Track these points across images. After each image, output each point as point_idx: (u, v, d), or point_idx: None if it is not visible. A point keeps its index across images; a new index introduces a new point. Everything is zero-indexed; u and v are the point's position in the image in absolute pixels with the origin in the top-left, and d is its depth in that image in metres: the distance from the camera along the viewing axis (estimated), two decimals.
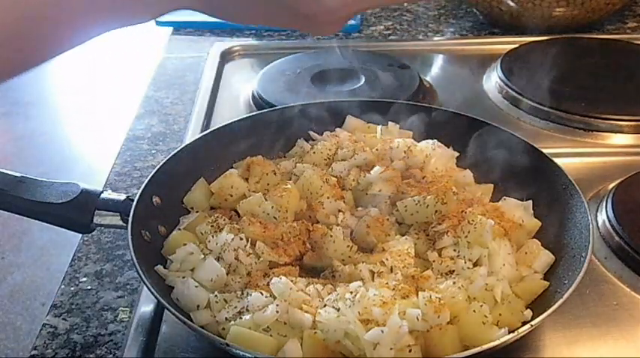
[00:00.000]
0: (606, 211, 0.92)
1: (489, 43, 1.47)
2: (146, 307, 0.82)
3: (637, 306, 0.82)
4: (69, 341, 0.81)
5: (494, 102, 1.26)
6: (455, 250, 0.81)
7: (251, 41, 1.53)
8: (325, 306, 0.72)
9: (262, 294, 0.74)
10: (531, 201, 0.89)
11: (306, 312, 0.71)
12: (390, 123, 1.02)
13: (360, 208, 0.89)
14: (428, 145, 0.95)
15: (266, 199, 0.88)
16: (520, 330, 0.69)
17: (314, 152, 0.96)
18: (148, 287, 0.72)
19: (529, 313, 0.75)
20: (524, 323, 0.72)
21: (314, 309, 0.72)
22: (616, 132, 1.13)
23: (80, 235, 0.95)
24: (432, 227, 0.83)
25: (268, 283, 0.75)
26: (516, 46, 1.38)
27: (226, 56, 1.45)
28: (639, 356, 0.76)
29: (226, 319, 0.73)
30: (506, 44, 1.41)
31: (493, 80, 1.30)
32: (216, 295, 0.75)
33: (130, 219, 0.80)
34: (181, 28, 1.59)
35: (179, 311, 0.73)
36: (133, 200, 0.82)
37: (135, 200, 0.82)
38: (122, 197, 0.84)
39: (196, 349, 0.77)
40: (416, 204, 0.84)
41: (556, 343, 0.77)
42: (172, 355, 0.77)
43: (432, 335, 0.70)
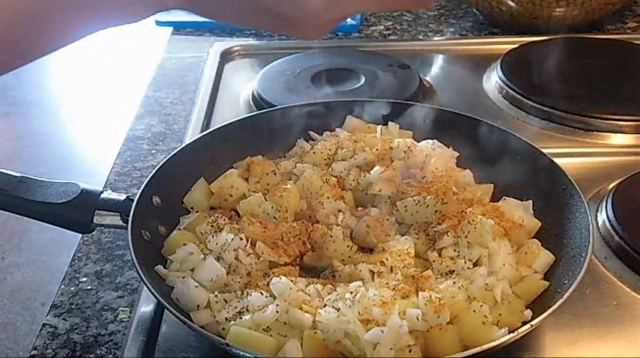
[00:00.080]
0: (606, 211, 0.92)
1: (489, 43, 1.47)
2: (146, 307, 0.82)
3: (637, 306, 0.82)
4: (69, 341, 0.81)
5: (494, 102, 1.26)
6: (455, 250, 0.81)
7: (251, 41, 1.53)
8: (325, 306, 0.72)
9: (262, 294, 0.74)
10: (531, 201, 0.88)
11: (306, 312, 0.71)
12: (390, 123, 1.02)
13: (360, 208, 0.89)
14: (428, 145, 0.95)
15: (266, 199, 0.88)
16: (520, 330, 0.68)
17: (314, 152, 0.96)
18: (148, 287, 0.72)
19: (529, 313, 0.75)
20: (524, 323, 0.72)
21: (314, 309, 0.72)
22: (616, 132, 1.13)
23: (80, 235, 0.95)
24: (432, 227, 0.83)
25: (268, 283, 0.75)
26: (516, 46, 1.38)
27: (226, 56, 1.45)
28: (639, 356, 0.76)
29: (226, 319, 0.73)
30: (506, 44, 1.41)
31: (493, 80, 1.30)
32: (216, 295, 0.75)
33: (130, 219, 0.80)
34: (181, 28, 1.59)
35: (179, 311, 0.73)
36: (133, 200, 0.82)
37: (135, 200, 0.82)
38: (122, 197, 0.84)
39: (196, 349, 0.77)
40: (416, 204, 0.84)
41: (556, 343, 0.77)
42: (172, 355, 0.77)
43: (432, 335, 0.70)
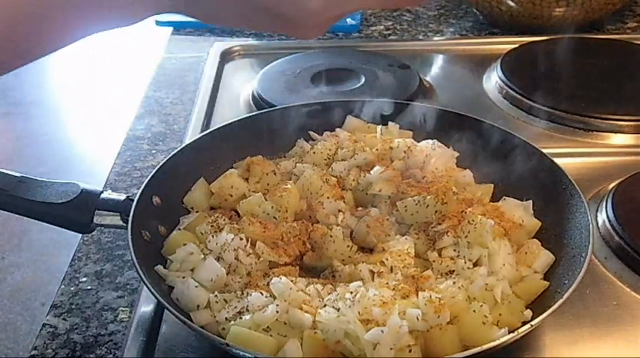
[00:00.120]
0: (606, 211, 0.92)
1: (489, 43, 1.47)
2: (146, 307, 0.82)
3: (637, 306, 0.82)
4: (69, 341, 0.81)
5: (494, 102, 1.26)
6: (455, 250, 0.81)
7: (251, 41, 1.52)
8: (325, 306, 0.72)
9: (262, 294, 0.74)
10: (531, 201, 0.88)
11: (306, 312, 0.71)
12: (390, 123, 1.02)
13: (360, 208, 0.89)
14: (428, 145, 0.95)
15: (266, 199, 0.88)
16: (520, 330, 0.68)
17: (314, 152, 0.96)
18: (148, 287, 0.72)
19: (529, 313, 0.75)
20: (524, 323, 0.72)
21: (314, 309, 0.72)
22: (616, 132, 1.13)
23: (80, 235, 0.95)
24: (432, 227, 0.83)
25: (268, 283, 0.75)
26: (516, 46, 1.38)
27: (226, 56, 1.45)
28: (639, 356, 0.76)
29: (226, 319, 0.73)
30: (506, 44, 1.41)
31: (493, 80, 1.30)
32: (216, 295, 0.75)
33: (130, 219, 0.80)
34: (181, 28, 1.59)
35: (179, 311, 0.73)
36: (133, 200, 0.82)
37: (135, 200, 0.82)
38: (122, 197, 0.84)
39: (196, 349, 0.77)
40: (416, 204, 0.84)
41: (556, 343, 0.77)
42: (172, 355, 0.77)
43: (432, 335, 0.70)
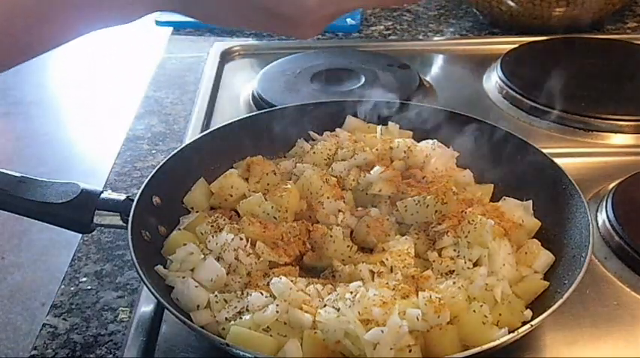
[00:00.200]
0: (606, 211, 0.92)
1: (489, 43, 1.47)
2: (146, 307, 0.82)
3: (637, 306, 0.82)
4: (69, 341, 0.81)
5: (494, 102, 1.26)
6: (455, 250, 0.81)
7: (251, 41, 1.52)
8: (325, 306, 0.72)
9: (262, 294, 0.74)
10: (531, 201, 0.88)
11: (306, 312, 0.71)
12: (390, 123, 1.02)
13: (360, 208, 0.89)
14: (428, 145, 0.95)
15: (266, 199, 0.88)
16: (520, 330, 0.68)
17: (314, 152, 0.96)
18: (148, 287, 0.72)
19: (529, 313, 0.75)
20: (524, 323, 0.72)
21: (314, 309, 0.72)
22: (616, 132, 1.13)
23: (80, 235, 0.95)
24: (432, 227, 0.83)
25: (268, 283, 0.75)
26: (516, 46, 1.38)
27: (226, 56, 1.45)
28: (639, 356, 0.76)
29: (226, 319, 0.73)
30: (506, 44, 1.41)
31: (493, 80, 1.30)
32: (216, 295, 0.75)
33: (130, 219, 0.80)
34: (181, 28, 1.59)
35: (179, 311, 0.73)
36: (133, 200, 0.82)
37: (135, 200, 0.82)
38: (122, 197, 0.84)
39: (196, 349, 0.77)
40: (416, 204, 0.84)
41: (556, 343, 0.77)
42: (172, 355, 0.77)
43: (432, 335, 0.70)
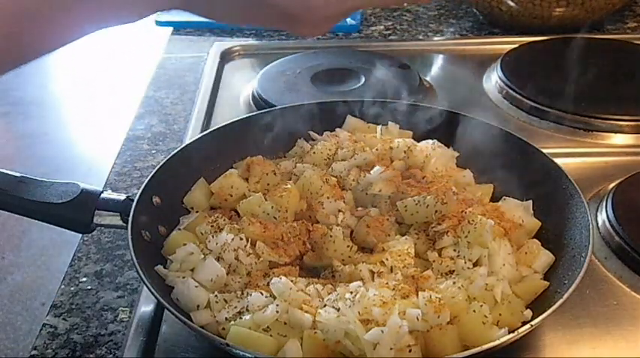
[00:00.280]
0: (606, 211, 0.92)
1: (489, 43, 1.47)
2: (146, 307, 0.82)
3: (637, 306, 0.82)
4: (69, 341, 0.81)
5: (494, 102, 1.26)
6: (455, 250, 0.81)
7: (251, 41, 1.53)
8: (325, 306, 0.72)
9: (262, 294, 0.74)
10: (531, 201, 0.88)
11: (306, 312, 0.71)
12: (390, 123, 1.02)
13: (360, 208, 0.89)
14: (428, 145, 0.95)
15: (266, 199, 0.88)
16: (520, 330, 0.69)
17: (314, 152, 0.96)
18: (148, 287, 0.72)
19: (529, 313, 0.75)
20: (524, 323, 0.72)
21: (314, 309, 0.72)
22: (616, 132, 1.13)
23: (80, 235, 0.95)
24: (432, 227, 0.83)
25: (268, 283, 0.75)
26: (516, 46, 1.38)
27: (226, 56, 1.45)
28: (639, 356, 0.76)
29: (226, 319, 0.73)
30: (506, 44, 1.41)
31: (493, 80, 1.30)
32: (216, 295, 0.75)
33: (130, 219, 0.80)
34: (181, 28, 1.59)
35: (179, 311, 0.73)
36: (133, 200, 0.82)
37: (135, 200, 0.82)
38: (122, 197, 0.84)
39: (196, 349, 0.77)
40: (416, 204, 0.84)
41: (556, 343, 0.77)
42: (172, 355, 0.77)
43: (432, 335, 0.70)
